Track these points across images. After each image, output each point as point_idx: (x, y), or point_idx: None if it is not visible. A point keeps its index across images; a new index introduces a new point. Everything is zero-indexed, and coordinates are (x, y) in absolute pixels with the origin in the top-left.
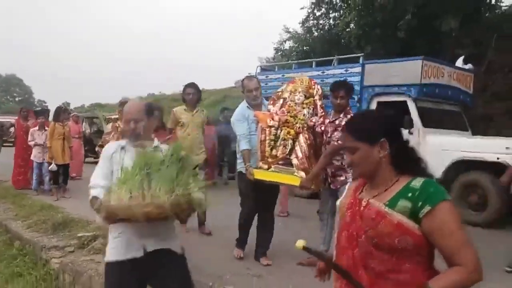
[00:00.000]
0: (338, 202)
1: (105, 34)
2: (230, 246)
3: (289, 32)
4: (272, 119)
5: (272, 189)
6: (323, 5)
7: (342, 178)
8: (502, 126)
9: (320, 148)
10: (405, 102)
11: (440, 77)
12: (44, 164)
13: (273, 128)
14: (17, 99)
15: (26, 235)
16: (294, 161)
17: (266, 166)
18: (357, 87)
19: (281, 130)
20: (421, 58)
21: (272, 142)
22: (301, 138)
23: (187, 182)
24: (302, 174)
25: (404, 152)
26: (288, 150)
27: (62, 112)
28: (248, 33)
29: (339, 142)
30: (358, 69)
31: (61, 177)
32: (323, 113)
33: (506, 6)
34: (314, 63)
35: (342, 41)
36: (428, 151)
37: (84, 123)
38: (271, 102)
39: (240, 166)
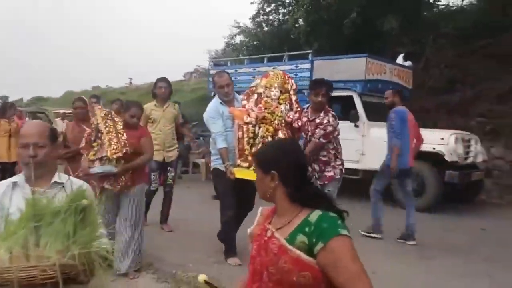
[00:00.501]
0: (249, 230)
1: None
2: (190, 237)
3: (239, 26)
4: (249, 115)
5: (250, 186)
6: (273, 1)
7: (330, 173)
8: (438, 118)
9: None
10: (351, 96)
11: (382, 73)
12: None
13: (250, 125)
14: None
15: None
16: None
17: (246, 164)
18: (306, 83)
19: (260, 127)
20: (365, 55)
21: (251, 140)
22: (280, 134)
23: (88, 238)
24: None
25: (302, 189)
26: None
27: (9, 108)
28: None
29: (321, 139)
30: (307, 65)
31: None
32: (299, 109)
33: (443, 5)
34: (265, 59)
35: (292, 36)
36: (372, 143)
37: (27, 118)
38: (245, 98)
39: (215, 163)
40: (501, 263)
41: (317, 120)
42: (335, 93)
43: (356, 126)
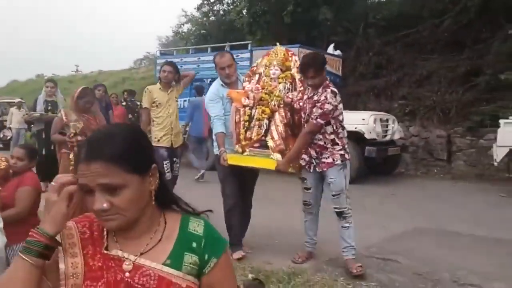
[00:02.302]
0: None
1: None
2: None
3: (187, 15)
4: (247, 97)
5: (251, 173)
6: None
7: (329, 160)
8: (367, 101)
9: (299, 127)
10: None
11: None
12: None
13: (247, 108)
14: None
15: None
16: (270, 142)
17: (241, 150)
18: (246, 71)
19: (256, 110)
20: (298, 45)
21: (247, 123)
22: (277, 117)
23: None
24: (278, 156)
25: (162, 184)
26: (263, 130)
27: None
28: (145, 12)
29: (319, 120)
30: (247, 55)
31: None
32: (302, 88)
33: None
34: (209, 49)
35: (237, 26)
36: None
37: None
38: (247, 79)
39: (216, 150)
40: (398, 217)
41: (315, 98)
42: None
43: None
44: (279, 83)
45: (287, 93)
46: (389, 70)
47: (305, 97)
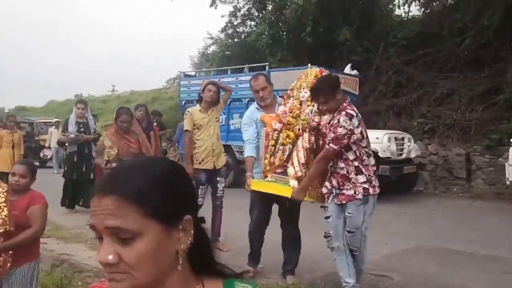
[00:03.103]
0: None
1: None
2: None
3: (212, 37)
4: (279, 121)
5: (289, 200)
6: (240, 15)
7: (350, 192)
8: (387, 119)
9: None
10: None
11: None
12: None
13: (275, 133)
14: None
15: None
16: (290, 169)
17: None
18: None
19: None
20: (314, 67)
21: (273, 148)
22: (300, 142)
23: None
24: (295, 183)
25: (201, 242)
26: (286, 156)
27: (6, 119)
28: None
29: (332, 145)
30: None
31: None
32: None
33: (394, 15)
34: (229, 71)
35: (258, 47)
36: None
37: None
38: (282, 102)
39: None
40: (403, 235)
41: (331, 122)
42: None
43: None
44: (308, 106)
45: (314, 116)
46: (409, 88)
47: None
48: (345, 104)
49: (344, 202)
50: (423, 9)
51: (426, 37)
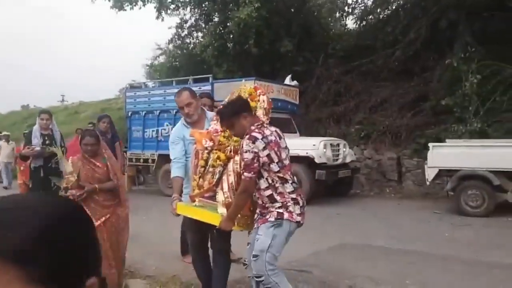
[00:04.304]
0: None
1: None
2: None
3: (160, 48)
4: (210, 139)
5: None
6: (186, 27)
7: (267, 216)
8: (328, 126)
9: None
10: None
11: (270, 92)
12: None
13: (206, 151)
14: None
15: None
16: (219, 194)
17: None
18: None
19: (212, 154)
20: (253, 78)
21: (202, 169)
22: (231, 165)
23: None
24: (224, 211)
25: None
26: (216, 179)
27: None
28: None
29: (245, 174)
30: (209, 87)
31: None
32: None
33: (332, 29)
34: (174, 82)
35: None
36: None
37: None
38: (215, 118)
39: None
40: (331, 234)
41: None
42: None
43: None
44: None
45: None
46: (347, 97)
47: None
48: (252, 128)
49: (257, 226)
50: (358, 22)
51: (362, 49)
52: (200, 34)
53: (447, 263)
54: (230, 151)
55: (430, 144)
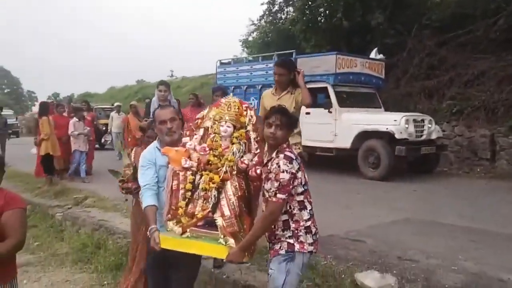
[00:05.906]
0: None
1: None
2: None
3: (254, 24)
4: (189, 158)
5: (184, 265)
6: (278, 2)
7: (276, 247)
8: (418, 101)
9: (257, 199)
10: (326, 87)
11: (353, 67)
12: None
13: (189, 173)
14: (5, 90)
15: (35, 200)
16: (219, 221)
17: (180, 229)
18: None
19: (201, 176)
20: (335, 53)
21: (189, 193)
22: (229, 187)
23: None
24: (231, 241)
25: None
26: (211, 205)
27: (56, 107)
28: (223, 19)
29: (279, 195)
30: None
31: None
32: (259, 150)
33: None
34: (260, 58)
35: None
36: (342, 126)
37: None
38: (188, 133)
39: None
40: (399, 210)
41: (268, 166)
42: (314, 85)
43: (330, 112)
44: (232, 143)
45: (242, 156)
46: (441, 70)
47: (265, 161)
48: (284, 146)
49: (270, 257)
50: None
51: (460, 19)
52: (291, 9)
53: None
54: (225, 172)
55: None
